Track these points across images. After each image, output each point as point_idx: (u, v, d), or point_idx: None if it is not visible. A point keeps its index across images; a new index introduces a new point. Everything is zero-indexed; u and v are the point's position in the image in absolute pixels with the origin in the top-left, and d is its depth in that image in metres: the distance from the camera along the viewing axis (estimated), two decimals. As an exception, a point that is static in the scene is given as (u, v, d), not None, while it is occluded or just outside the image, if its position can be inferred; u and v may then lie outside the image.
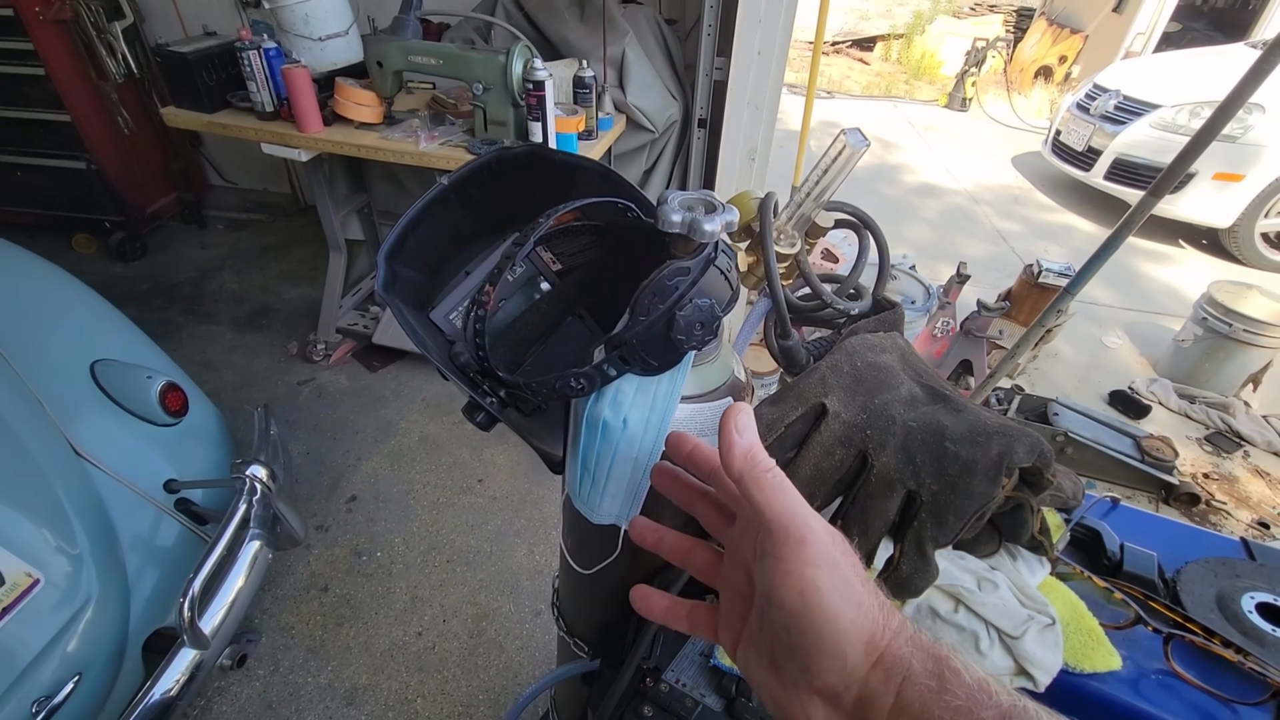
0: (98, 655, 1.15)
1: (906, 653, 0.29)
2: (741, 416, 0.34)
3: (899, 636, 0.30)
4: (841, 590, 0.29)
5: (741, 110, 2.20)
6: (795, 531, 0.30)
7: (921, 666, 0.28)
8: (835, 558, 0.30)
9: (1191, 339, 2.76)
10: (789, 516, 0.31)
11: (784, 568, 0.30)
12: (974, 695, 0.27)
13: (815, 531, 0.31)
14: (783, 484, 0.32)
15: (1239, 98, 1.32)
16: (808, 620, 0.29)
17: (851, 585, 0.30)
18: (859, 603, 0.30)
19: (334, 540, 1.99)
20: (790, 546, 0.30)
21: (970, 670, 0.28)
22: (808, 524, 0.31)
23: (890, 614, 0.30)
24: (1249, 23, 6.66)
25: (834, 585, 0.29)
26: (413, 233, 0.62)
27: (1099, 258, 1.59)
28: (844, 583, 0.30)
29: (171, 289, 3.09)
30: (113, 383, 1.44)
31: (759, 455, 0.33)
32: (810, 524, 0.31)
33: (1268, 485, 2.37)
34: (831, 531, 0.31)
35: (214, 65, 2.13)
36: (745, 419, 0.34)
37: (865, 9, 9.85)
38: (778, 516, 0.31)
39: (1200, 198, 3.85)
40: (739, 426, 0.34)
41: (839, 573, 0.30)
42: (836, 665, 0.29)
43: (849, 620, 0.29)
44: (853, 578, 0.30)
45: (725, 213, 0.49)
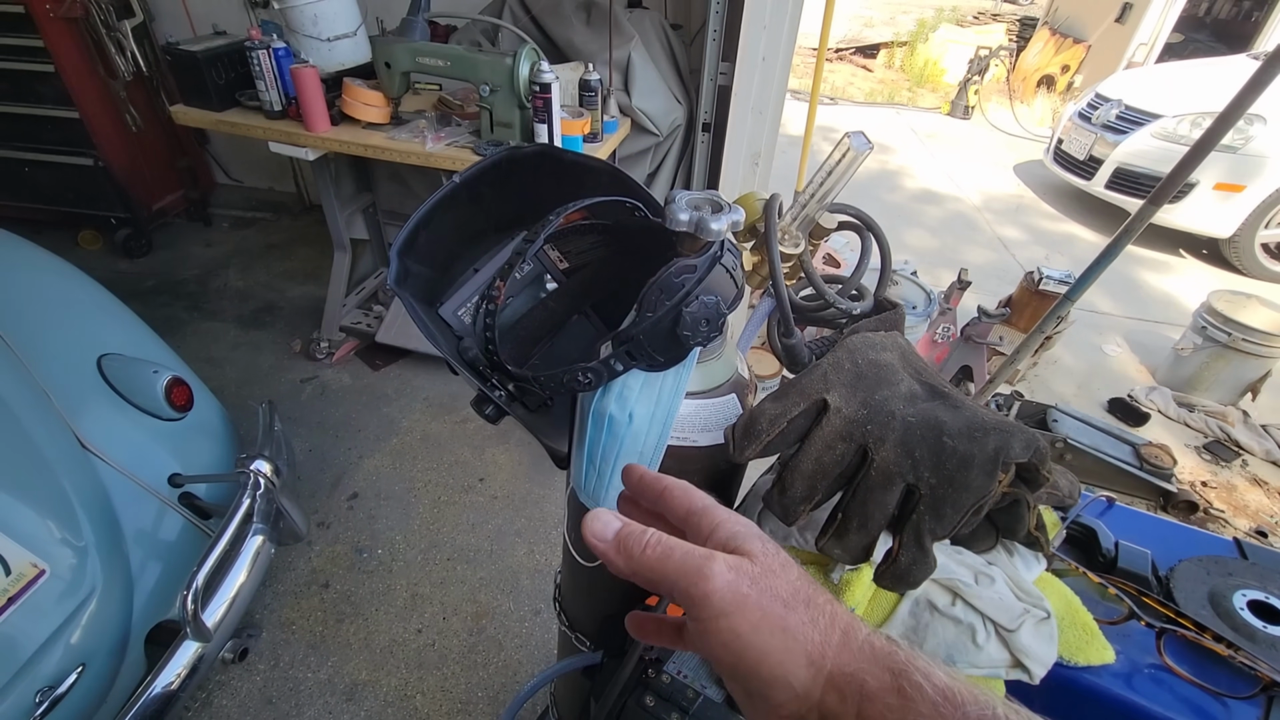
0: (101, 647, 1.16)
1: (857, 669, 0.28)
2: (593, 523, 0.33)
3: (845, 650, 0.29)
4: (760, 625, 0.29)
5: (745, 115, 2.21)
6: (695, 589, 0.30)
7: (878, 682, 0.28)
8: (744, 594, 0.29)
9: (1191, 348, 2.77)
10: (684, 577, 0.30)
11: (702, 627, 0.30)
12: (939, 709, 0.26)
13: (713, 578, 0.29)
14: (666, 549, 0.31)
15: (1239, 108, 1.33)
16: (743, 668, 0.29)
17: (770, 614, 0.29)
18: (783, 628, 0.29)
19: (335, 537, 2.00)
20: (698, 604, 0.29)
21: (934, 678, 0.27)
22: (701, 574, 0.30)
23: (831, 626, 0.29)
24: (1251, 34, 6.69)
25: (750, 624, 0.29)
26: (425, 229, 0.64)
27: (1099, 265, 1.60)
28: (760, 616, 0.29)
29: (176, 286, 3.11)
30: (119, 377, 1.45)
31: (629, 541, 0.32)
32: (704, 572, 0.30)
33: (1266, 494, 2.38)
34: (736, 564, 0.30)
35: (223, 64, 2.14)
36: (596, 522, 0.33)
37: (869, 16, 9.90)
38: (675, 583, 0.30)
39: (1200, 208, 3.86)
40: (596, 533, 0.33)
41: (750, 609, 0.29)
42: (788, 695, 0.29)
43: (780, 651, 0.29)
44: (770, 605, 0.29)
45: (731, 212, 0.50)
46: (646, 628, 0.41)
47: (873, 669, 0.28)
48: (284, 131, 2.09)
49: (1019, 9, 10.33)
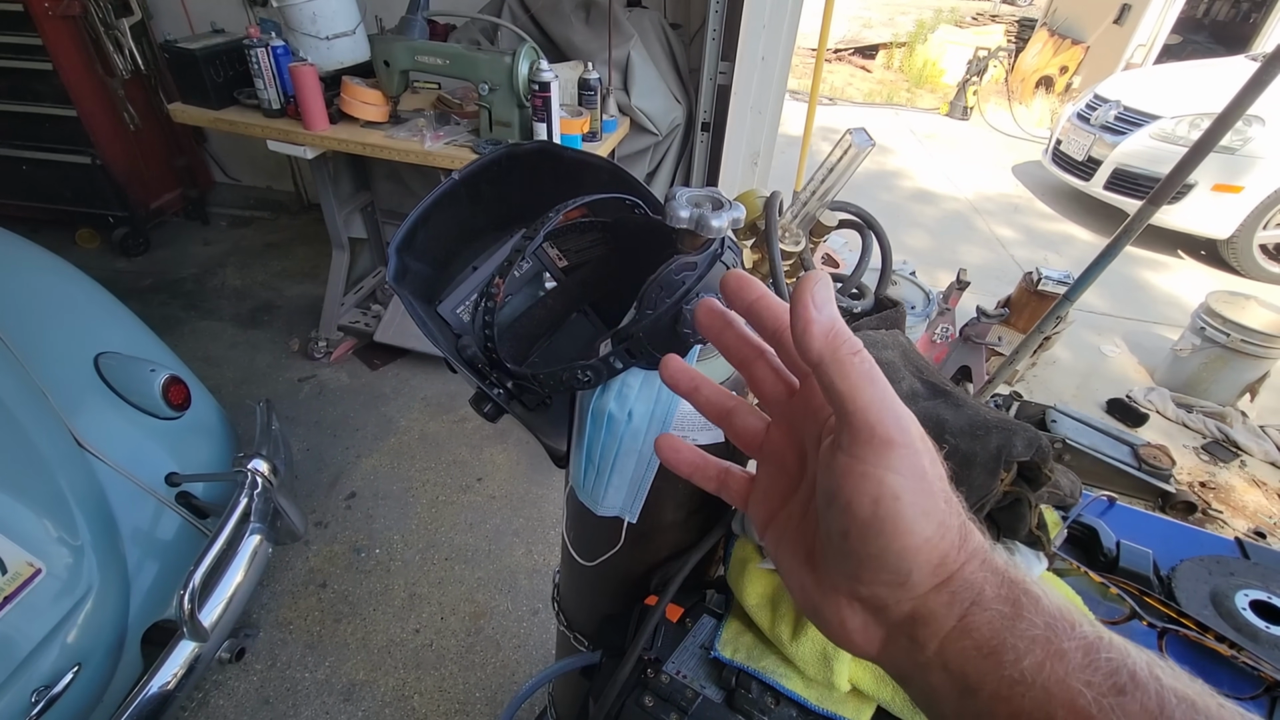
0: (97, 646, 1.16)
1: (979, 577, 0.26)
2: (820, 287, 0.28)
3: (974, 560, 0.27)
4: (923, 505, 0.26)
5: (745, 114, 2.21)
6: (883, 431, 0.26)
7: (994, 591, 0.26)
8: (924, 468, 0.26)
9: (1189, 348, 2.77)
10: (878, 412, 0.26)
11: (860, 469, 0.26)
12: (1054, 624, 0.24)
13: (907, 434, 0.26)
14: (873, 372, 0.27)
15: (1238, 109, 1.33)
16: (876, 530, 0.26)
17: (935, 500, 0.26)
18: (940, 521, 0.26)
19: (333, 536, 1.99)
20: (874, 447, 0.26)
21: (1050, 597, 0.25)
22: (899, 424, 0.26)
23: (969, 535, 0.27)
24: (1249, 36, 6.71)
25: (916, 498, 0.26)
26: (423, 226, 0.63)
27: (1097, 266, 1.60)
28: (928, 496, 0.26)
29: (174, 284, 3.10)
30: (116, 375, 1.44)
31: (844, 335, 0.27)
32: (903, 425, 0.26)
33: (1264, 495, 2.38)
34: (925, 438, 0.27)
35: (222, 62, 2.14)
36: (824, 290, 0.28)
37: (868, 17, 9.91)
38: (864, 410, 0.26)
39: (1199, 208, 3.87)
40: (817, 299, 0.28)
41: (925, 484, 0.26)
42: (895, 580, 0.27)
43: (923, 539, 0.26)
44: (938, 492, 0.27)
45: (732, 209, 0.50)
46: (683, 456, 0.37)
47: (993, 579, 0.26)
48: (282, 130, 2.09)
49: (1018, 10, 10.34)
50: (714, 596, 0.67)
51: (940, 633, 0.26)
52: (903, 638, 0.28)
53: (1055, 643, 0.24)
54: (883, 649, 0.29)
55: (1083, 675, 0.23)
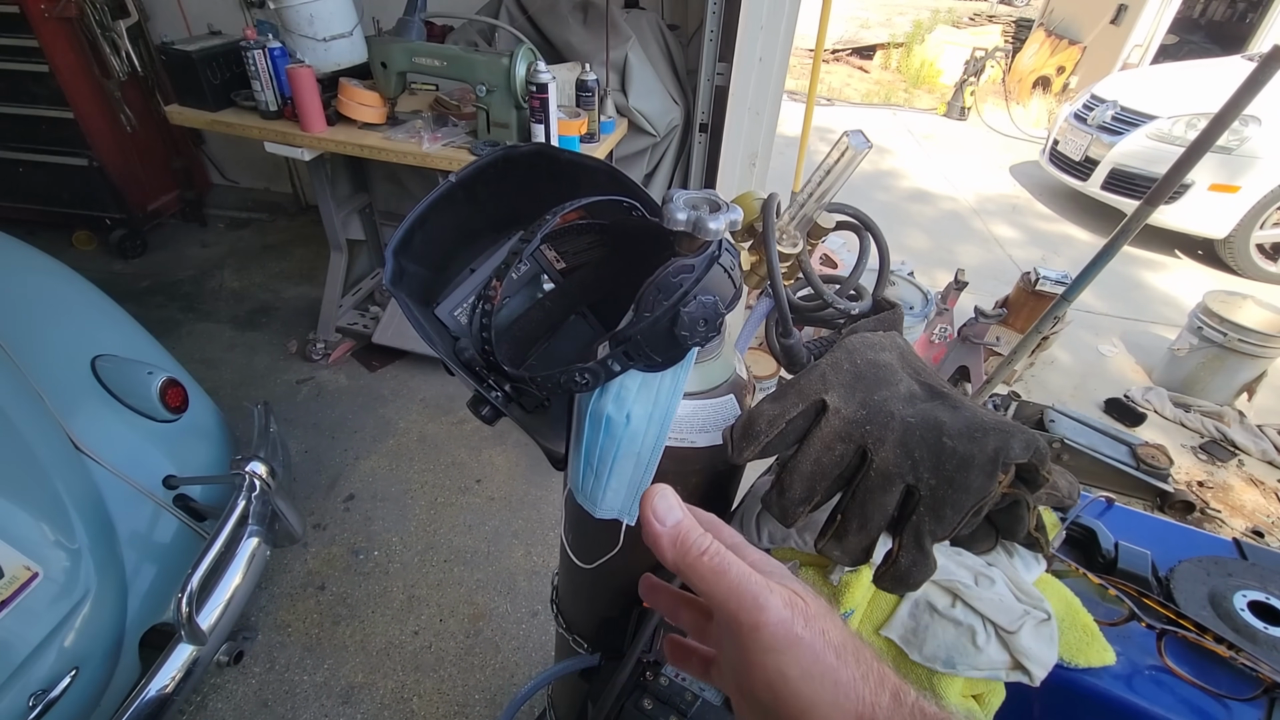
0: (95, 650, 1.15)
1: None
2: (658, 500, 0.31)
3: (895, 713, 0.26)
4: (812, 672, 0.26)
5: (742, 115, 2.21)
6: (746, 617, 0.27)
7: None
8: (797, 635, 0.27)
9: (1187, 348, 2.77)
10: (736, 600, 0.27)
11: (746, 658, 0.27)
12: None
13: (768, 610, 0.27)
14: (722, 565, 0.28)
15: (1234, 109, 1.33)
16: (783, 713, 0.27)
17: (822, 662, 0.27)
18: (835, 681, 0.26)
19: (331, 539, 1.99)
20: (745, 634, 0.27)
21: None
22: (757, 603, 0.27)
23: (880, 685, 0.27)
24: (1246, 36, 6.72)
25: (802, 670, 0.26)
26: (420, 229, 0.63)
27: (1095, 266, 1.61)
28: (812, 663, 0.26)
29: (171, 286, 3.09)
30: (113, 378, 1.44)
31: (689, 539, 0.29)
32: (760, 602, 0.27)
33: (1262, 494, 2.38)
34: (791, 600, 0.28)
35: (219, 64, 2.14)
36: (663, 502, 0.31)
37: (865, 18, 9.92)
38: (724, 603, 0.28)
39: (1196, 208, 3.87)
40: (658, 513, 0.30)
41: (802, 652, 0.27)
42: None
43: (828, 705, 0.26)
44: (823, 652, 0.27)
45: (729, 211, 0.50)
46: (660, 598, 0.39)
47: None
48: (280, 132, 2.08)
49: (1015, 10, 10.36)
50: (713, 599, 0.67)
51: None
52: None
53: None
54: None
55: None
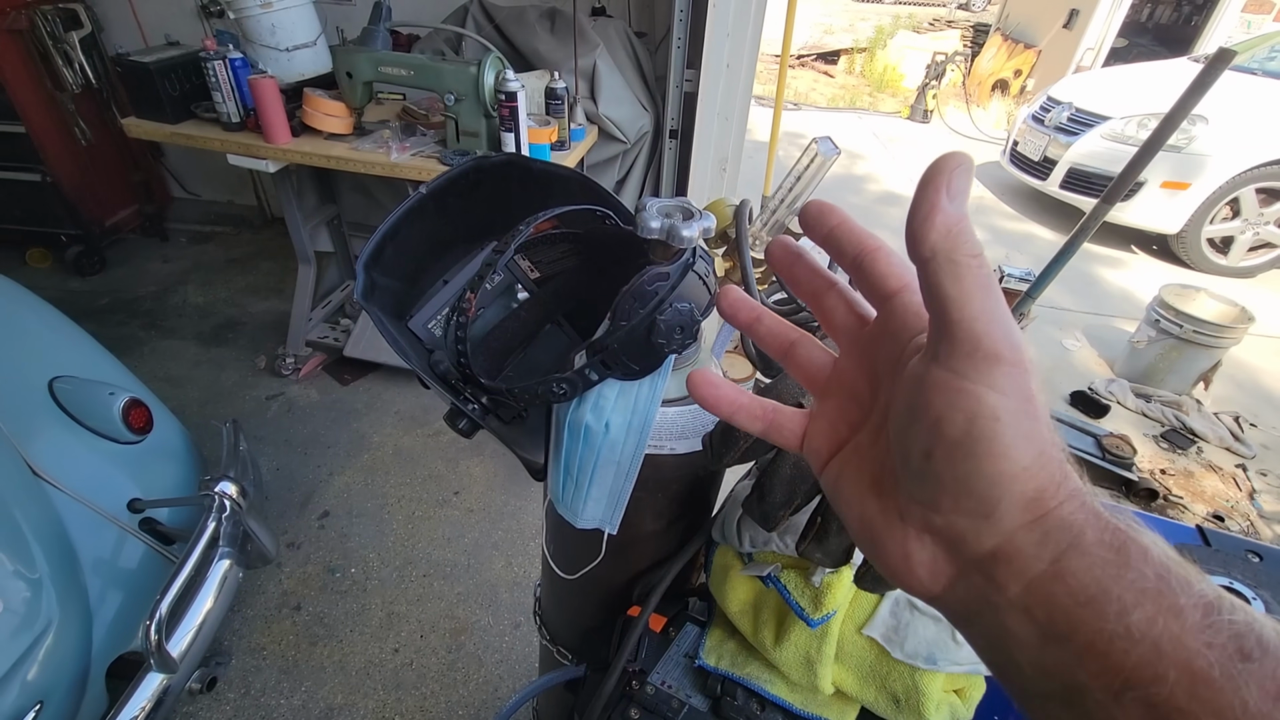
0: (59, 683, 1.11)
1: (1079, 519, 0.23)
2: (959, 174, 0.25)
3: (1072, 500, 0.23)
4: (1025, 429, 0.23)
5: (712, 121, 2.23)
6: (990, 345, 0.23)
7: (1096, 536, 0.22)
8: (1030, 389, 0.23)
9: (1146, 340, 2.87)
10: (987, 324, 0.23)
11: (957, 384, 0.23)
12: (1166, 578, 0.21)
13: (1017, 351, 0.23)
14: (990, 283, 0.24)
15: (1182, 110, 1.39)
16: (967, 451, 0.23)
17: (1039, 426, 0.23)
18: (1040, 449, 0.23)
19: (306, 557, 1.95)
20: (976, 361, 0.23)
21: (1161, 548, 0.22)
22: (1009, 340, 0.23)
23: (1071, 473, 0.24)
24: (1192, 38, 6.99)
25: (1018, 420, 0.23)
26: (391, 241, 0.63)
27: (1057, 263, 1.65)
28: (1031, 420, 0.23)
29: (132, 303, 3.00)
30: (72, 400, 1.39)
31: (968, 234, 0.24)
32: (1014, 341, 0.23)
33: (1221, 480, 2.47)
34: (1031, 358, 0.24)
35: (177, 75, 2.09)
36: (962, 180, 0.25)
37: (829, 23, 10.10)
38: (971, 320, 0.23)
39: (1149, 205, 4.01)
40: (951, 187, 0.25)
41: (1030, 406, 0.23)
42: (980, 511, 0.24)
43: (1021, 466, 0.23)
44: (1043, 418, 0.24)
45: (703, 219, 0.50)
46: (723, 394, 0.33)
47: (1095, 522, 0.23)
48: (243, 143, 2.04)
49: (972, 16, 10.64)
50: (696, 605, 0.67)
51: (1026, 575, 0.23)
52: (977, 575, 0.25)
53: (1169, 597, 0.21)
54: (949, 587, 0.26)
55: (1202, 635, 0.20)
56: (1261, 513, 2.33)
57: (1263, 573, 0.64)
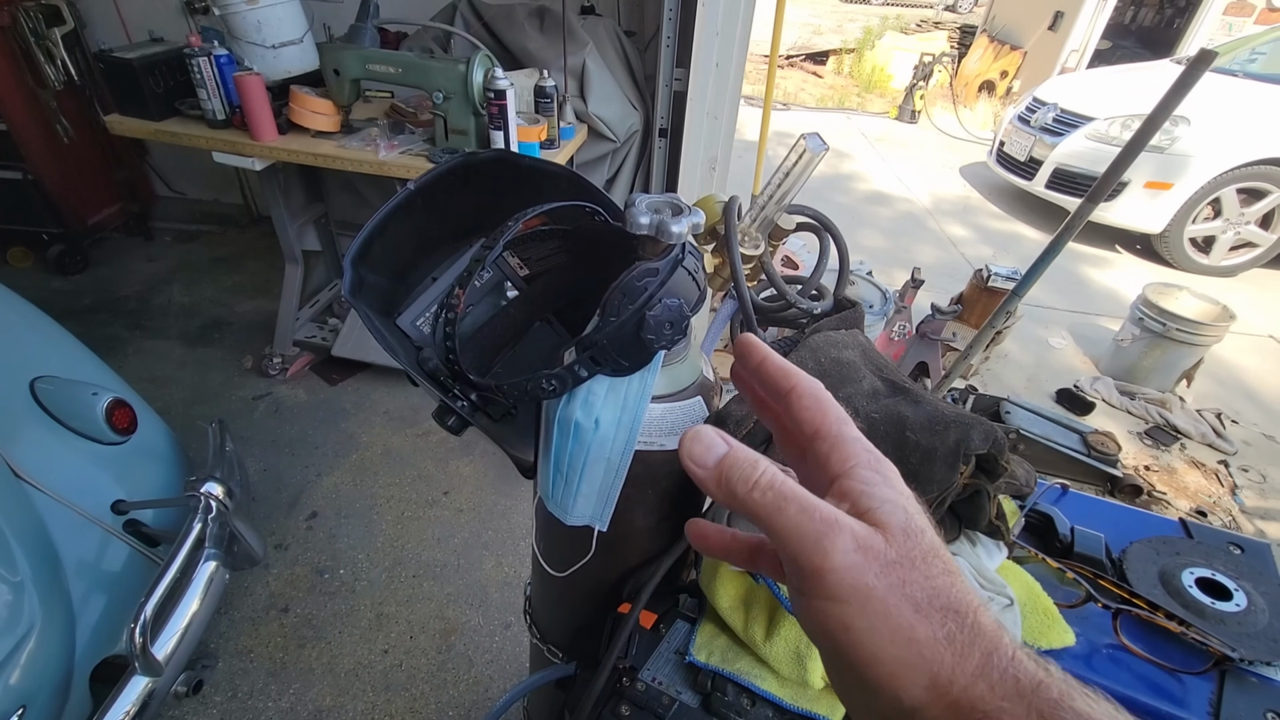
0: (42, 687, 1.09)
1: (993, 705, 0.22)
2: (694, 445, 0.28)
3: (982, 678, 0.22)
4: (879, 628, 0.23)
5: (701, 120, 2.23)
6: (806, 561, 0.24)
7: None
8: (867, 586, 0.23)
9: (1130, 338, 2.90)
10: (797, 541, 0.24)
11: (808, 605, 0.24)
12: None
13: (832, 556, 0.23)
14: (779, 498, 0.25)
15: (1165, 111, 1.41)
16: (844, 661, 0.24)
17: (894, 618, 0.23)
18: (907, 638, 0.23)
19: (294, 559, 1.93)
20: (807, 579, 0.24)
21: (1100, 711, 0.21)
22: (820, 546, 0.23)
23: (970, 645, 0.23)
24: (1174, 40, 7.08)
25: (869, 624, 0.23)
26: (379, 238, 0.62)
27: (1043, 262, 1.67)
28: (878, 616, 0.23)
29: (115, 303, 2.97)
30: (54, 400, 1.37)
31: (735, 474, 0.26)
32: (824, 546, 0.23)
33: (1203, 475, 2.50)
34: (866, 541, 0.24)
35: (161, 72, 2.06)
36: (698, 445, 0.27)
37: (818, 24, 10.15)
38: (783, 545, 0.24)
39: (1133, 205, 4.06)
40: (694, 457, 0.27)
41: (872, 603, 0.23)
42: (894, 707, 0.24)
43: (894, 662, 0.23)
44: (897, 606, 0.23)
45: (692, 215, 0.50)
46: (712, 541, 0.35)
47: (1013, 707, 0.22)
48: (228, 141, 2.02)
49: (959, 17, 10.73)
50: (687, 601, 0.67)
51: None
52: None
53: None
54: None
55: None
56: (1243, 508, 2.37)
57: (1244, 564, 0.65)
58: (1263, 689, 0.55)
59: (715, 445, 0.28)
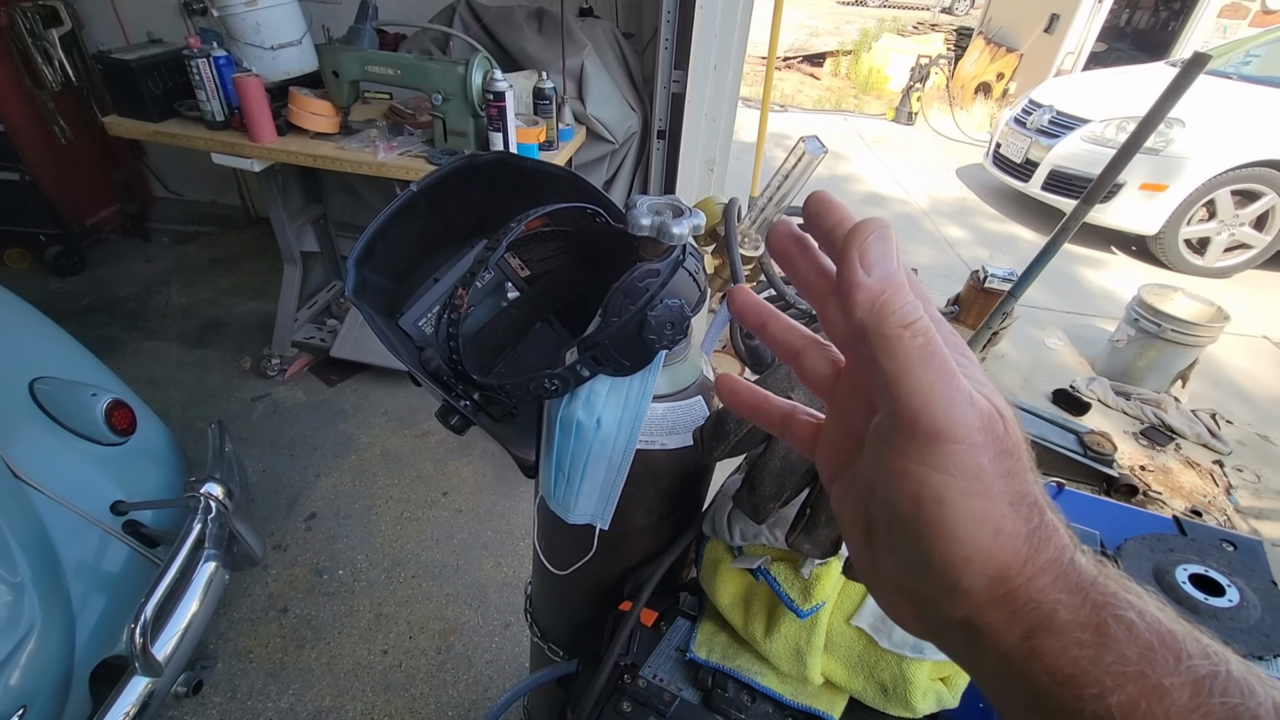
0: (42, 687, 1.10)
1: (1051, 597, 0.22)
2: (874, 241, 0.24)
3: (1045, 574, 0.22)
4: (975, 510, 0.22)
5: (699, 122, 2.24)
6: (928, 423, 0.22)
7: (1070, 615, 0.21)
8: (980, 465, 0.22)
9: (1125, 339, 2.92)
10: (924, 400, 0.22)
11: (901, 464, 0.23)
12: (1151, 657, 0.20)
13: (960, 427, 0.22)
14: (927, 351, 0.23)
15: (1160, 113, 1.42)
16: (918, 533, 0.23)
17: (992, 504, 0.22)
18: (997, 528, 0.22)
19: (293, 559, 1.93)
20: (916, 441, 0.22)
21: (1150, 619, 0.21)
22: (950, 415, 0.22)
23: (1044, 543, 0.23)
24: (1169, 43, 7.11)
25: (965, 502, 0.22)
26: (382, 239, 0.63)
27: (1039, 263, 1.68)
28: (981, 499, 0.22)
29: (113, 304, 2.96)
30: (54, 401, 1.38)
31: (895, 304, 0.23)
32: (954, 415, 0.22)
33: (1198, 475, 2.52)
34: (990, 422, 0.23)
35: (160, 73, 2.07)
36: (879, 246, 0.24)
37: (815, 26, 10.17)
38: (907, 397, 0.22)
39: (1128, 207, 4.08)
40: (867, 258, 0.24)
41: (979, 485, 0.22)
42: (941, 585, 0.23)
43: (974, 548, 0.22)
44: (998, 494, 0.22)
45: (693, 216, 0.51)
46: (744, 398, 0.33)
47: (1070, 599, 0.22)
48: (227, 142, 2.02)
49: (955, 19, 10.77)
50: (687, 599, 0.68)
51: (1000, 647, 0.22)
52: (958, 639, 0.24)
53: (1153, 679, 0.20)
54: (935, 637, 0.26)
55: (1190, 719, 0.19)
56: (1238, 507, 2.38)
57: (1236, 561, 0.65)
58: (1255, 683, 0.55)
59: (889, 257, 0.24)
